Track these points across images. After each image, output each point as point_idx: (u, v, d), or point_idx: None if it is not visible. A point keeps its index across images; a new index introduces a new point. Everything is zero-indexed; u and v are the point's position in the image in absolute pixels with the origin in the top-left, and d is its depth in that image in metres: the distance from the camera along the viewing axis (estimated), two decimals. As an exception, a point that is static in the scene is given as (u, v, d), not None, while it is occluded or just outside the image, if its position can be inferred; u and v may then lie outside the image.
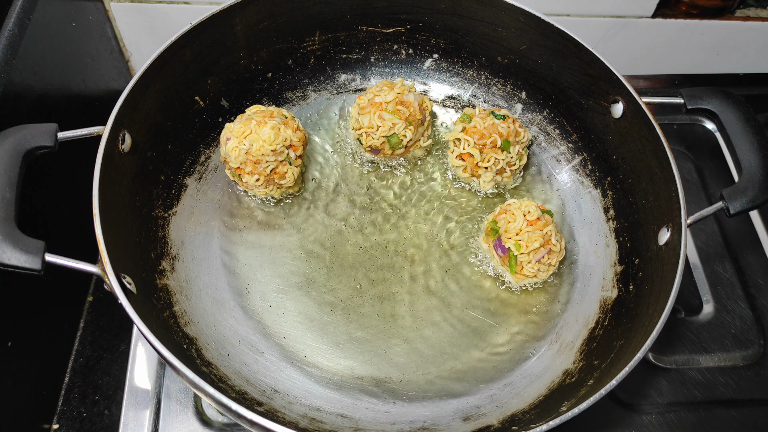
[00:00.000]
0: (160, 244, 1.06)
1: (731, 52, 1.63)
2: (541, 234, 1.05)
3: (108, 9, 1.44)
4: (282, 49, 1.23)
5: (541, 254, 1.05)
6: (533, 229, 1.05)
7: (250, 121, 1.07)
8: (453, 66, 1.31)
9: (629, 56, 1.60)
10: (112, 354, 1.19)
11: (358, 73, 1.32)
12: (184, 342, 0.96)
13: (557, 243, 1.06)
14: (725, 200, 0.98)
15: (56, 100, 1.21)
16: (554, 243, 1.06)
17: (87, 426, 1.12)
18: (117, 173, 0.96)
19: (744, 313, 1.25)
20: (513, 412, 0.98)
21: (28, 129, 0.89)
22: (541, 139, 1.26)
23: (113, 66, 1.50)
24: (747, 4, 1.58)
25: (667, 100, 1.08)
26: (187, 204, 1.12)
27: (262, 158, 1.06)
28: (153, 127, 1.06)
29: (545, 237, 1.05)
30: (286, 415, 0.94)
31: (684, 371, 1.19)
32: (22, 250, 0.81)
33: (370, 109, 1.15)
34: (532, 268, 1.06)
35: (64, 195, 1.20)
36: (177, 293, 1.02)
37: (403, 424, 0.97)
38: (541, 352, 1.06)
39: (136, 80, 0.99)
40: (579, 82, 1.17)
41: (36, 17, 1.13)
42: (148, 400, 1.09)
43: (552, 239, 1.05)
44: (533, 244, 1.04)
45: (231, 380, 0.96)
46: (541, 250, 1.05)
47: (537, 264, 1.06)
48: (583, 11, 1.49)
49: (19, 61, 1.07)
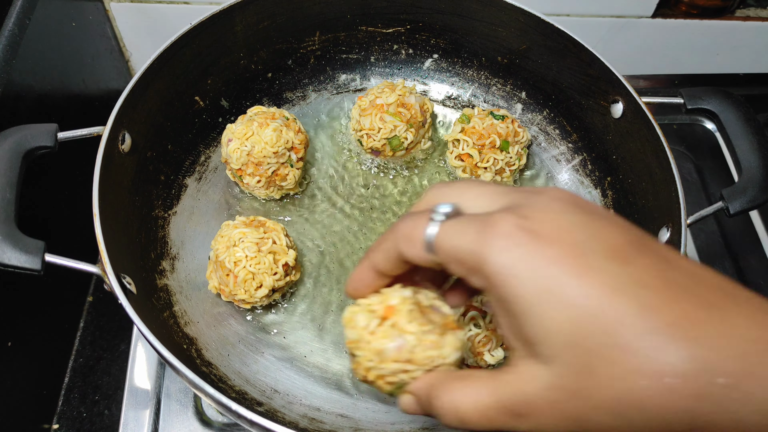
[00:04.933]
0: (160, 244, 1.06)
1: (731, 52, 1.63)
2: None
3: (108, 9, 1.44)
4: (282, 49, 1.23)
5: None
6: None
7: (251, 122, 1.07)
8: (453, 66, 1.31)
9: (629, 56, 1.60)
10: (112, 354, 1.19)
11: (358, 73, 1.32)
12: (184, 342, 0.96)
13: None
14: (725, 200, 0.98)
15: (56, 100, 1.21)
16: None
17: (87, 426, 1.12)
18: (117, 173, 0.96)
19: (744, 313, 1.24)
20: (513, 412, 0.98)
21: (28, 129, 0.89)
22: (541, 139, 1.26)
23: (113, 66, 1.50)
24: (747, 4, 1.58)
25: (667, 100, 1.08)
26: (187, 204, 1.12)
27: (264, 160, 1.06)
28: (153, 127, 1.06)
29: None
30: (285, 415, 0.95)
31: (684, 371, 1.18)
32: (22, 250, 0.81)
33: (372, 111, 1.15)
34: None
35: (64, 195, 1.20)
36: (177, 293, 1.03)
37: (402, 424, 0.97)
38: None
39: (136, 80, 0.99)
40: (579, 82, 1.17)
41: (36, 17, 1.13)
42: (148, 400, 1.09)
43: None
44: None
45: (231, 380, 0.96)
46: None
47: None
48: (583, 11, 1.49)
49: (19, 61, 1.07)
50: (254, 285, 0.97)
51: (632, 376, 0.45)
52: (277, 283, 0.98)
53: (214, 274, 1.01)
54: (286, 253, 0.99)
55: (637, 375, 0.45)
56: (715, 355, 0.44)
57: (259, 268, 0.96)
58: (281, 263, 0.98)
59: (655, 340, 0.44)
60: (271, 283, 0.97)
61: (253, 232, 0.98)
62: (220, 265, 0.97)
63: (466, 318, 0.94)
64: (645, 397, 0.45)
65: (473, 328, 0.94)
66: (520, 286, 0.48)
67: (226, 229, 1.00)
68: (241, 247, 0.96)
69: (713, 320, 0.45)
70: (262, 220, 1.03)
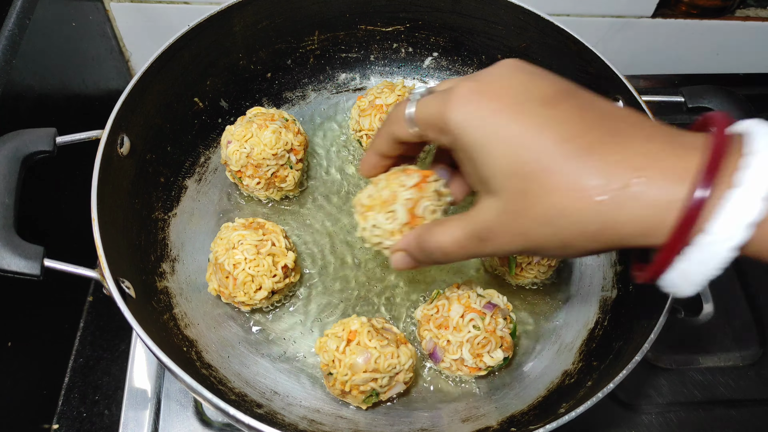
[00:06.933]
0: (160, 247, 1.06)
1: (731, 52, 1.63)
2: (540, 235, 1.04)
3: (108, 9, 1.43)
4: (281, 49, 1.23)
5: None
6: (532, 230, 1.05)
7: (251, 124, 1.06)
8: (453, 64, 1.31)
9: (629, 56, 1.60)
10: (112, 354, 1.20)
11: (358, 72, 1.32)
12: (184, 344, 0.97)
13: (557, 244, 1.06)
14: (725, 201, 0.97)
15: (56, 100, 1.21)
16: (554, 244, 1.05)
17: (87, 426, 1.12)
18: (116, 177, 0.96)
19: (744, 313, 1.25)
20: (512, 413, 0.98)
21: (26, 134, 0.89)
22: (541, 139, 1.26)
23: (113, 66, 1.50)
24: (747, 4, 1.57)
25: (668, 98, 1.08)
26: (187, 206, 1.12)
27: (263, 162, 1.06)
28: (152, 130, 1.06)
29: (545, 238, 1.05)
30: (285, 417, 0.95)
31: (684, 371, 1.19)
32: (21, 255, 0.81)
33: (371, 112, 1.15)
34: (531, 270, 1.06)
35: (63, 198, 1.20)
36: (177, 295, 1.03)
37: (402, 425, 0.97)
38: (541, 352, 1.06)
39: (133, 83, 0.99)
40: (579, 80, 1.14)
41: (36, 17, 1.13)
42: (148, 400, 1.09)
43: (551, 240, 1.05)
44: (533, 246, 1.04)
45: (231, 382, 0.96)
46: (541, 252, 1.05)
47: (536, 265, 1.05)
48: (583, 11, 1.48)
49: (19, 61, 1.07)
50: (253, 287, 0.97)
51: (556, 191, 0.58)
52: (276, 285, 0.98)
53: (213, 276, 1.01)
54: (285, 255, 0.99)
55: (559, 190, 0.58)
56: (614, 168, 0.56)
57: (258, 270, 0.96)
58: (280, 265, 0.99)
59: (571, 162, 0.58)
60: (270, 285, 0.97)
61: (252, 234, 0.98)
62: (219, 267, 0.98)
63: (465, 320, 0.95)
64: (566, 206, 0.58)
65: (472, 330, 0.94)
66: (473, 134, 0.63)
67: (225, 231, 1.00)
68: (240, 250, 0.96)
69: (617, 143, 0.58)
70: (261, 222, 1.03)
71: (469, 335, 0.94)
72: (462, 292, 0.98)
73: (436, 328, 0.97)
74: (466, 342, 0.94)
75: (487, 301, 0.98)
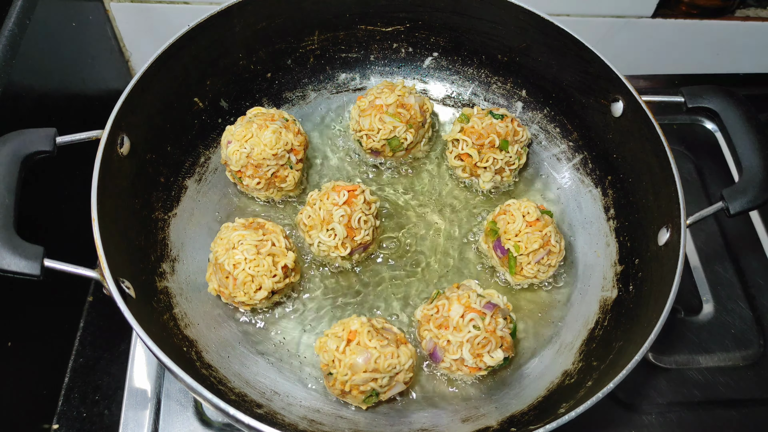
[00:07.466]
0: (160, 247, 1.06)
1: (731, 52, 1.63)
2: (540, 235, 1.04)
3: (108, 9, 1.43)
4: (281, 49, 1.23)
5: (541, 255, 1.05)
6: (532, 230, 1.05)
7: (251, 124, 1.06)
8: (453, 64, 1.31)
9: (629, 56, 1.60)
10: (112, 354, 1.19)
11: (358, 72, 1.31)
12: (184, 344, 0.97)
13: (557, 244, 1.06)
14: (725, 200, 0.98)
15: (56, 100, 1.21)
16: (554, 244, 1.05)
17: (87, 426, 1.12)
18: (116, 177, 0.96)
19: (744, 313, 1.25)
20: (512, 413, 0.98)
21: (26, 134, 0.89)
22: (542, 138, 1.26)
23: (113, 66, 1.50)
24: (747, 4, 1.57)
25: (668, 98, 1.08)
26: (187, 205, 1.12)
27: (263, 162, 1.06)
28: (152, 130, 1.06)
29: (545, 238, 1.05)
30: (285, 416, 0.95)
31: (684, 371, 1.19)
32: (21, 255, 0.81)
33: (371, 112, 1.15)
34: (531, 269, 1.06)
35: (63, 198, 1.20)
36: (177, 295, 1.03)
37: (402, 425, 0.97)
38: (541, 352, 1.06)
39: (133, 84, 0.99)
40: (579, 80, 1.16)
41: (36, 17, 1.13)
42: (148, 400, 1.09)
43: (551, 240, 1.05)
44: (533, 246, 1.04)
45: (231, 382, 0.96)
46: (541, 251, 1.05)
47: (536, 265, 1.05)
48: (583, 11, 1.49)
49: (19, 61, 1.07)
50: (253, 287, 0.97)
51: None
52: (276, 285, 0.98)
53: (213, 276, 1.01)
54: (285, 255, 0.99)
55: None
56: None
57: (258, 270, 0.96)
58: (280, 265, 0.99)
59: None
60: (270, 285, 0.97)
61: (252, 234, 0.98)
62: (219, 267, 0.98)
63: (465, 320, 0.95)
64: None
65: (472, 330, 0.94)
66: None
67: (225, 231, 1.00)
68: (240, 250, 0.96)
69: None
70: (261, 222, 1.03)
71: (469, 335, 0.94)
72: (462, 292, 0.98)
73: (436, 328, 0.97)
74: (467, 342, 0.94)
75: (487, 301, 0.98)
